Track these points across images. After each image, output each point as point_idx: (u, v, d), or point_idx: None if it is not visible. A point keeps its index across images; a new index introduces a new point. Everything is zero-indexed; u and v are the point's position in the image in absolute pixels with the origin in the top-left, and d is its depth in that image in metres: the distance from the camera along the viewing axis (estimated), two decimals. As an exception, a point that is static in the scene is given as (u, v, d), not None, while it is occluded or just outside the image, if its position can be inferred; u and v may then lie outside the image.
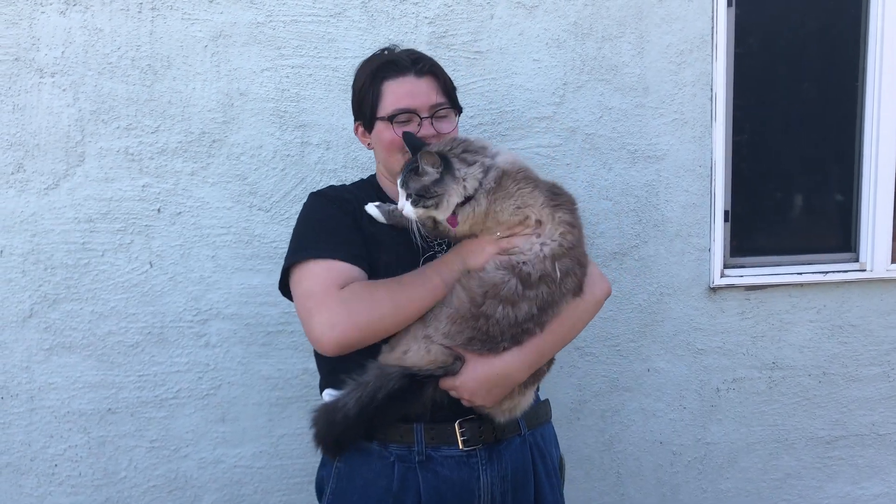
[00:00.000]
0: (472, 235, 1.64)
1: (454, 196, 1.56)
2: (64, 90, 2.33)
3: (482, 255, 1.60)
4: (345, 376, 1.60)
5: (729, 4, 2.61)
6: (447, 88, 1.80)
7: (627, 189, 2.61)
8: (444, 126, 1.76)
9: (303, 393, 2.50)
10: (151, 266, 2.41)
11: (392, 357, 1.61)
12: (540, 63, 2.52)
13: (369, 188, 1.85)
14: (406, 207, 1.58)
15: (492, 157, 1.60)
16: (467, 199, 1.57)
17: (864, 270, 2.76)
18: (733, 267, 2.73)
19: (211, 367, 2.47)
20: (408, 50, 1.82)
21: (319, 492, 1.81)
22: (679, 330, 2.70)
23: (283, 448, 2.53)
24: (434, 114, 1.74)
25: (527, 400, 1.70)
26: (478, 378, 1.58)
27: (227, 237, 2.43)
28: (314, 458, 2.49)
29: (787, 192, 2.84)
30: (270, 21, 2.38)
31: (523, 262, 1.56)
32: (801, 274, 2.74)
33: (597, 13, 2.53)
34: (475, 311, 1.56)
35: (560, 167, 2.56)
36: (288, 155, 2.43)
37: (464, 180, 1.56)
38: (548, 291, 1.58)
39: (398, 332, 1.62)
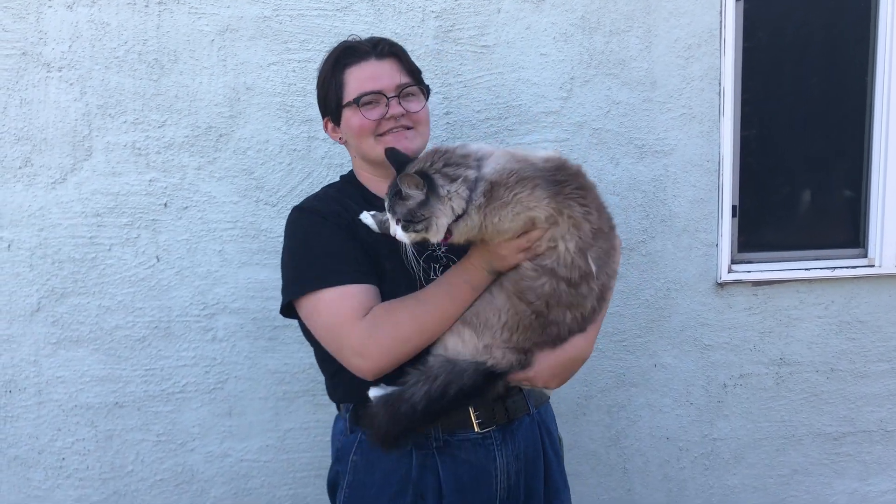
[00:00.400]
0: (470, 244, 1.59)
1: (443, 218, 1.48)
2: (71, 84, 2.34)
3: (506, 260, 1.56)
4: (409, 367, 1.59)
5: (737, -2, 2.60)
6: (411, 69, 1.79)
7: (635, 184, 2.60)
8: (413, 105, 1.74)
9: (309, 387, 2.51)
10: (158, 260, 2.42)
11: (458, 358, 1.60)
12: (547, 57, 2.51)
13: (351, 189, 1.80)
14: (398, 232, 1.53)
15: (477, 168, 1.51)
16: (458, 217, 1.50)
17: (873, 266, 2.75)
18: (741, 262, 2.72)
19: (218, 361, 2.48)
20: (369, 37, 1.80)
21: (332, 488, 1.80)
22: (686, 325, 2.69)
23: (289, 442, 2.54)
24: (401, 93, 1.72)
25: None
26: (552, 367, 1.61)
27: (233, 231, 2.43)
28: (321, 451, 2.51)
29: (794, 187, 2.82)
30: (277, 15, 2.38)
31: (555, 266, 1.53)
32: (808, 269, 2.72)
33: (604, 7, 2.51)
34: (544, 320, 1.56)
35: (567, 162, 2.56)
36: (294, 149, 2.43)
37: (450, 199, 1.48)
38: (598, 283, 1.57)
39: (448, 339, 1.60)
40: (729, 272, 2.68)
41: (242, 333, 2.48)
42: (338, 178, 1.90)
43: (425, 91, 1.80)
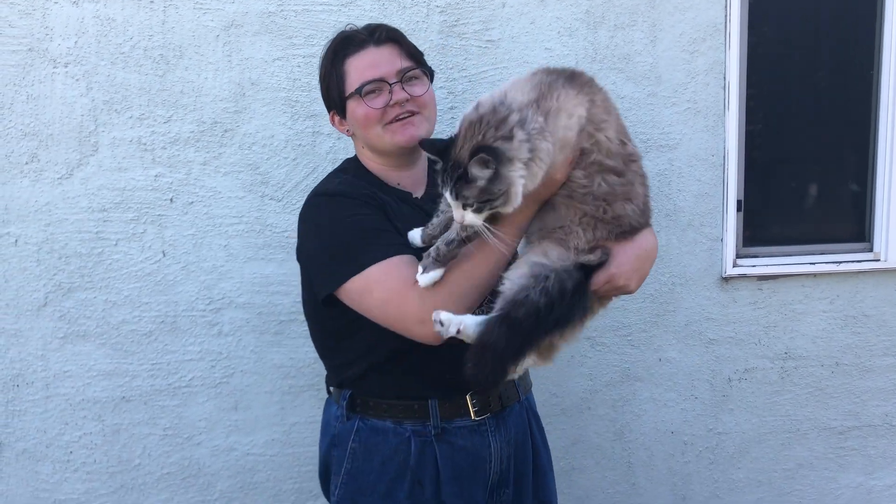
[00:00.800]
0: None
1: (518, 182, 1.39)
2: (77, 80, 2.34)
3: (557, 182, 1.50)
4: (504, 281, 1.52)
5: (743, -8, 2.59)
6: (412, 52, 1.75)
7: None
8: (417, 89, 1.71)
9: (314, 381, 2.52)
10: (164, 255, 2.43)
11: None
12: (552, 52, 2.51)
13: (361, 172, 1.78)
14: (467, 217, 1.43)
15: (510, 109, 1.42)
16: (528, 165, 1.41)
17: (878, 260, 2.75)
18: (746, 257, 2.72)
19: (223, 355, 2.49)
20: (366, 25, 1.77)
21: (325, 474, 1.81)
22: (691, 320, 2.70)
23: (295, 436, 2.55)
24: (402, 77, 1.69)
25: None
26: (631, 260, 1.56)
27: (239, 226, 2.44)
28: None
29: (800, 181, 2.82)
30: (282, 10, 2.38)
31: (602, 159, 1.50)
32: (814, 264, 2.72)
33: (609, 1, 2.51)
34: (611, 216, 1.53)
35: (572, 156, 2.56)
36: (299, 144, 2.44)
37: (518, 156, 1.39)
38: (636, 165, 1.57)
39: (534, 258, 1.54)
40: (734, 266, 2.68)
41: (248, 328, 2.49)
42: (329, 178, 1.82)
43: (428, 73, 1.77)
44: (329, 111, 1.83)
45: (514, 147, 1.39)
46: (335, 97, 1.76)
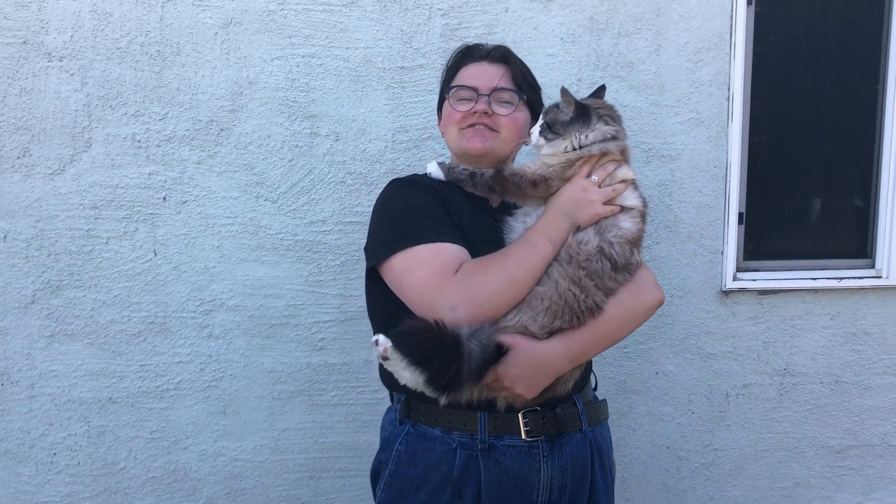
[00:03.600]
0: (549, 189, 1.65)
1: (567, 142, 1.62)
2: (72, 75, 2.31)
3: (591, 207, 1.61)
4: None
5: (749, 3, 2.57)
6: (519, 78, 1.81)
7: (640, 188, 2.57)
8: (501, 109, 1.76)
9: (305, 387, 2.48)
10: (156, 255, 2.39)
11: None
12: (555, 58, 2.49)
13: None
14: (534, 133, 1.68)
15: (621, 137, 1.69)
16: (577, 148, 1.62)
17: (880, 277, 2.72)
18: (746, 270, 2.69)
19: (213, 358, 2.45)
20: (493, 45, 1.88)
21: (375, 477, 1.79)
22: (689, 333, 2.66)
23: (284, 442, 2.51)
24: (492, 94, 1.75)
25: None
26: (521, 365, 1.56)
27: (232, 227, 2.41)
28: (315, 453, 2.49)
29: (803, 195, 2.79)
30: (282, 9, 2.35)
31: (612, 243, 1.60)
32: (815, 279, 2.69)
33: (613, 9, 2.49)
34: (582, 306, 1.58)
35: (572, 164, 2.53)
36: (296, 145, 2.41)
37: (587, 135, 1.62)
38: (623, 278, 1.62)
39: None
40: (734, 280, 2.65)
41: (239, 331, 2.45)
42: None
43: (528, 103, 1.83)
44: (438, 112, 1.93)
45: (597, 128, 1.64)
46: (441, 98, 1.87)
